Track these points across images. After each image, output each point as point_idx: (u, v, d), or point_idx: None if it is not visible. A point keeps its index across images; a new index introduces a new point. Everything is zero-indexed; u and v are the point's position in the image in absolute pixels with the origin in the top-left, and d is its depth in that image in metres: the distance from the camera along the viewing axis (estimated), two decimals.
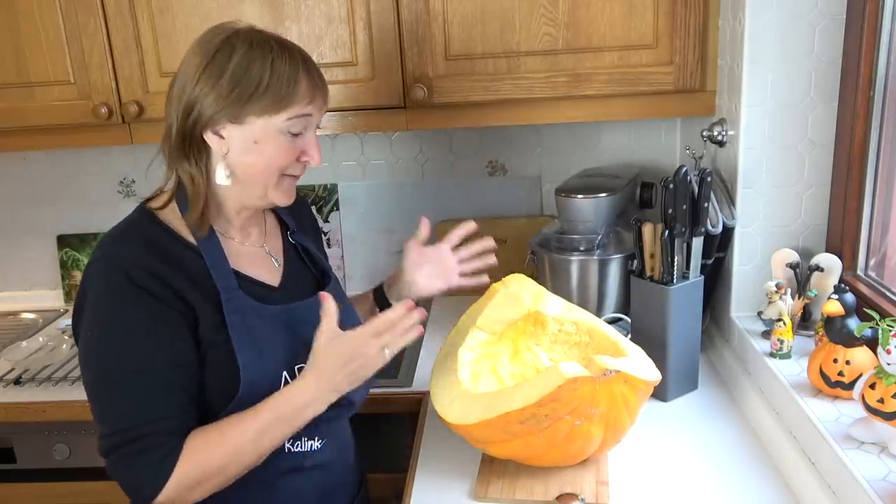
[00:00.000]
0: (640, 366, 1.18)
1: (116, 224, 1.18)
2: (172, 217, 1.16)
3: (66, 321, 2.05)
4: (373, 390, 1.36)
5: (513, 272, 2.06)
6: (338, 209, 2.12)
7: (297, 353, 1.17)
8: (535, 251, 1.72)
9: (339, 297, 1.30)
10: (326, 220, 2.13)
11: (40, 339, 1.90)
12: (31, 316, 2.16)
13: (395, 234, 2.14)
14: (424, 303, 2.07)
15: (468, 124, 1.73)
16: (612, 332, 1.32)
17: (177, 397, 1.08)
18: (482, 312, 1.34)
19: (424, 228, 1.45)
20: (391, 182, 2.11)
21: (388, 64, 1.66)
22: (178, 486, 1.05)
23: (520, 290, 1.36)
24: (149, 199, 1.21)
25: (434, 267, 1.45)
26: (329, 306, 1.13)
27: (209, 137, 1.12)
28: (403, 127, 1.72)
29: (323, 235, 1.48)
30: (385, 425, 1.60)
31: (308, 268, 1.32)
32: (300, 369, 1.16)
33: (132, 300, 1.06)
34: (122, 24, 1.66)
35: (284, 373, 1.15)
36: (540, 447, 1.15)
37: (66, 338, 1.90)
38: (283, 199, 1.18)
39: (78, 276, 2.21)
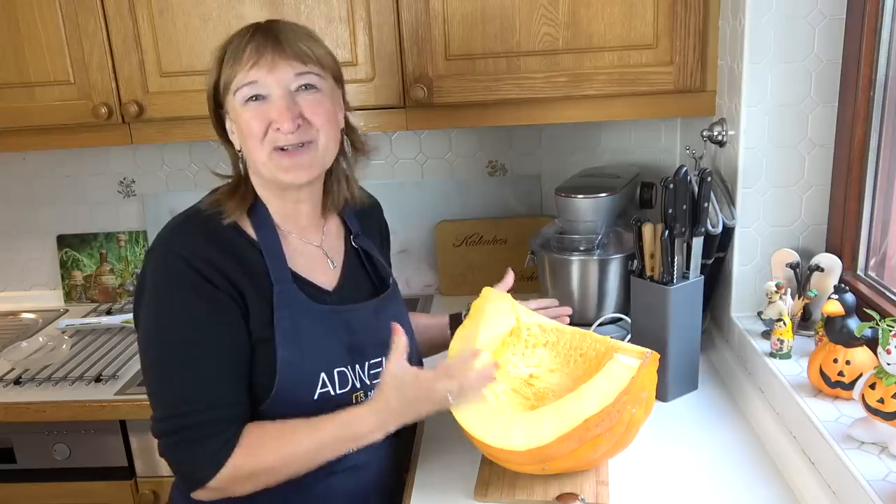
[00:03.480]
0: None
1: (178, 213, 1.20)
2: (237, 211, 1.18)
3: (67, 321, 2.05)
4: None
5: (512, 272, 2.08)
6: None
7: (338, 356, 1.17)
8: (535, 251, 1.72)
9: (396, 305, 1.31)
10: None
11: (40, 339, 1.90)
12: (31, 316, 2.16)
13: (395, 234, 2.13)
14: (421, 308, 2.08)
15: (468, 124, 1.73)
16: (573, 328, 1.32)
17: (234, 385, 1.10)
18: (478, 333, 1.29)
19: (509, 278, 1.41)
20: (391, 182, 2.11)
21: (388, 64, 1.66)
22: (230, 476, 1.07)
23: (502, 304, 1.34)
24: (217, 189, 1.23)
25: None
26: (400, 340, 1.13)
27: (227, 120, 1.17)
28: (403, 127, 1.72)
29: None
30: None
31: (368, 273, 1.31)
32: (341, 373, 1.17)
33: (191, 287, 1.08)
34: (122, 24, 1.66)
35: (323, 374, 1.15)
36: (605, 445, 1.14)
37: (67, 338, 1.90)
38: (286, 175, 1.14)
39: (78, 276, 2.21)
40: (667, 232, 1.40)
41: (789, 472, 1.20)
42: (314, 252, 1.24)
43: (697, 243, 1.44)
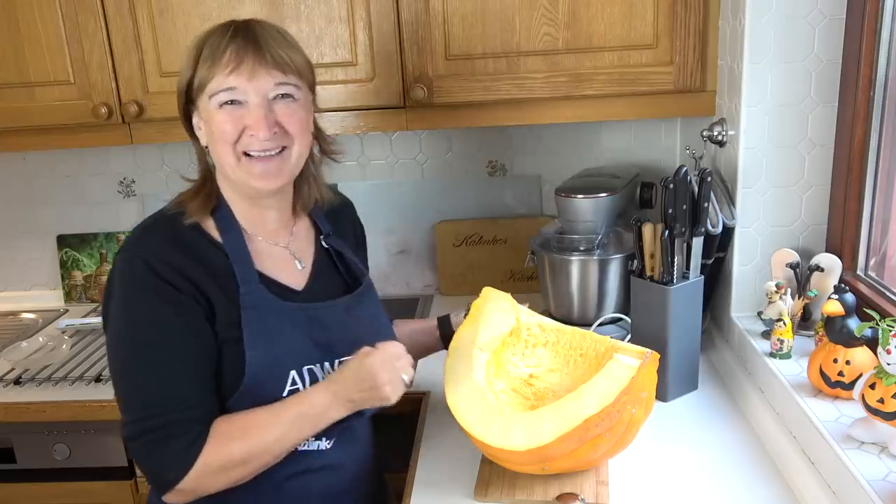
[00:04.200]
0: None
1: (147, 216, 1.20)
2: (200, 213, 1.17)
3: (67, 321, 2.05)
4: None
5: (512, 272, 2.08)
6: None
7: (308, 353, 1.17)
8: (535, 251, 1.72)
9: (371, 303, 1.30)
10: None
11: (40, 339, 1.90)
12: (31, 316, 2.16)
13: (395, 234, 2.14)
14: (421, 308, 2.08)
15: (468, 124, 1.73)
16: (573, 328, 1.33)
17: (200, 386, 1.10)
18: (478, 333, 1.30)
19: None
20: (391, 182, 2.11)
21: (388, 64, 1.66)
22: (201, 474, 1.07)
23: (501, 304, 1.35)
24: (183, 193, 1.22)
25: None
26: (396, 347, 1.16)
27: (195, 123, 1.16)
28: (403, 127, 1.72)
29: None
30: (385, 425, 1.60)
31: (340, 273, 1.31)
32: (310, 371, 1.17)
33: (154, 290, 1.09)
34: (122, 24, 1.66)
35: (293, 372, 1.15)
36: (605, 445, 1.15)
37: (67, 338, 1.90)
38: (256, 180, 1.14)
39: (78, 276, 2.21)
40: (667, 232, 1.40)
41: (789, 472, 1.20)
42: (281, 253, 1.24)
43: (697, 243, 1.44)
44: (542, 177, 2.08)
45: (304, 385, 1.16)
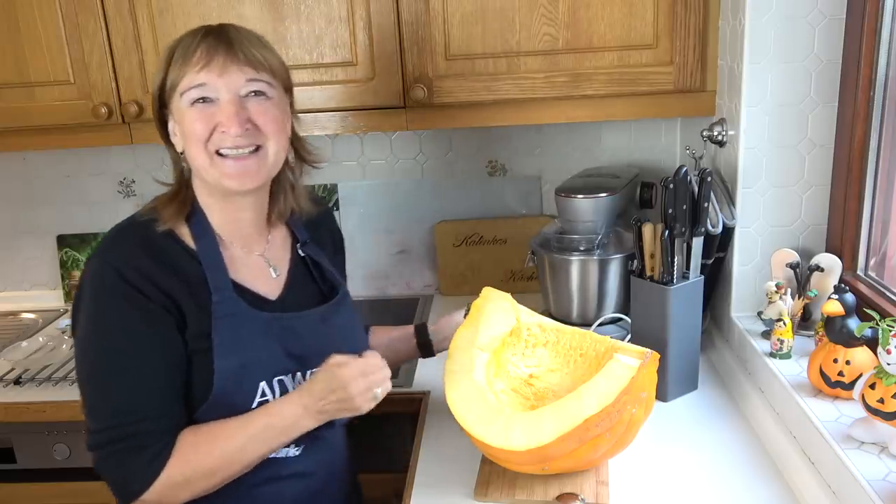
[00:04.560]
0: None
1: (121, 220, 1.18)
2: (174, 219, 1.16)
3: (67, 321, 2.05)
4: None
5: (512, 272, 2.08)
6: (337, 209, 2.12)
7: (280, 364, 1.16)
8: (535, 251, 1.72)
9: (347, 313, 1.29)
10: None
11: (40, 339, 1.90)
12: (31, 316, 2.16)
13: (395, 234, 2.14)
14: (421, 308, 2.08)
15: (468, 124, 1.73)
16: (573, 328, 1.32)
17: (167, 396, 1.08)
18: (478, 333, 1.30)
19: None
20: (391, 182, 2.11)
21: (388, 64, 1.66)
22: (165, 485, 1.06)
23: (502, 304, 1.35)
24: (159, 198, 1.21)
25: None
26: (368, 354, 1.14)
27: (170, 120, 1.15)
28: (403, 127, 1.72)
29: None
30: (385, 425, 1.60)
31: (315, 282, 1.29)
32: (280, 382, 1.16)
33: (124, 298, 1.07)
34: (122, 25, 1.66)
35: (263, 383, 1.14)
36: (605, 445, 1.15)
37: (66, 338, 1.90)
38: (230, 180, 1.12)
39: (78, 275, 2.21)
40: (667, 232, 1.40)
41: (789, 472, 1.20)
42: (256, 261, 1.22)
43: (697, 243, 1.44)
44: (542, 177, 2.08)
45: (273, 396, 1.15)
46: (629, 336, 1.51)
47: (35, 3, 1.66)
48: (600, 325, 1.65)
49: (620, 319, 1.65)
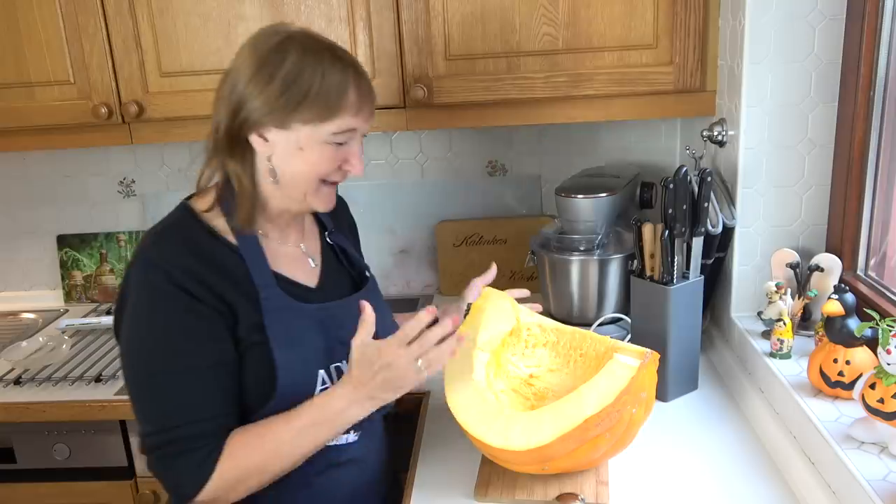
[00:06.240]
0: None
1: (157, 223, 1.17)
2: (213, 216, 1.15)
3: (67, 321, 2.05)
4: None
5: (513, 272, 2.08)
6: None
7: (333, 351, 1.17)
8: (535, 251, 1.72)
9: (376, 298, 1.30)
10: None
11: (40, 339, 1.90)
12: (31, 316, 2.16)
13: (395, 234, 2.14)
14: (424, 300, 2.08)
15: (468, 124, 1.73)
16: (573, 328, 1.32)
17: (217, 397, 1.09)
18: (478, 333, 1.30)
19: (492, 272, 1.48)
20: (391, 182, 2.11)
21: (388, 64, 1.66)
22: (219, 485, 1.06)
23: (501, 304, 1.35)
24: (190, 197, 1.20)
25: None
26: (367, 315, 1.11)
27: (254, 140, 1.11)
28: (403, 127, 1.72)
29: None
30: (392, 425, 1.60)
31: (345, 268, 1.32)
32: (337, 368, 1.17)
33: (172, 300, 1.07)
34: (122, 24, 1.66)
35: (322, 372, 1.16)
36: (605, 445, 1.15)
37: (66, 338, 1.90)
38: (323, 205, 1.18)
39: (78, 276, 2.21)
40: (667, 232, 1.40)
41: (789, 472, 1.20)
42: (294, 252, 1.24)
43: (697, 243, 1.44)
44: (542, 177, 2.08)
45: (332, 383, 1.16)
46: (629, 336, 1.51)
47: (35, 3, 1.66)
48: (600, 325, 1.65)
49: (620, 319, 1.65)
